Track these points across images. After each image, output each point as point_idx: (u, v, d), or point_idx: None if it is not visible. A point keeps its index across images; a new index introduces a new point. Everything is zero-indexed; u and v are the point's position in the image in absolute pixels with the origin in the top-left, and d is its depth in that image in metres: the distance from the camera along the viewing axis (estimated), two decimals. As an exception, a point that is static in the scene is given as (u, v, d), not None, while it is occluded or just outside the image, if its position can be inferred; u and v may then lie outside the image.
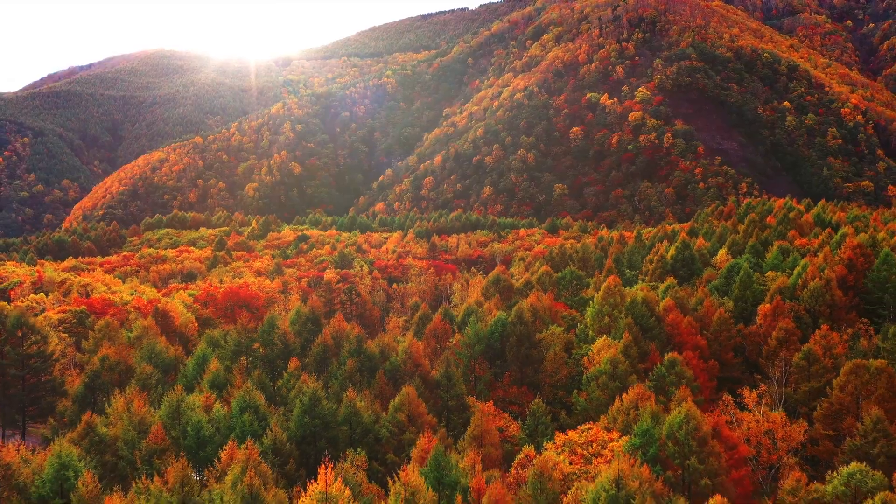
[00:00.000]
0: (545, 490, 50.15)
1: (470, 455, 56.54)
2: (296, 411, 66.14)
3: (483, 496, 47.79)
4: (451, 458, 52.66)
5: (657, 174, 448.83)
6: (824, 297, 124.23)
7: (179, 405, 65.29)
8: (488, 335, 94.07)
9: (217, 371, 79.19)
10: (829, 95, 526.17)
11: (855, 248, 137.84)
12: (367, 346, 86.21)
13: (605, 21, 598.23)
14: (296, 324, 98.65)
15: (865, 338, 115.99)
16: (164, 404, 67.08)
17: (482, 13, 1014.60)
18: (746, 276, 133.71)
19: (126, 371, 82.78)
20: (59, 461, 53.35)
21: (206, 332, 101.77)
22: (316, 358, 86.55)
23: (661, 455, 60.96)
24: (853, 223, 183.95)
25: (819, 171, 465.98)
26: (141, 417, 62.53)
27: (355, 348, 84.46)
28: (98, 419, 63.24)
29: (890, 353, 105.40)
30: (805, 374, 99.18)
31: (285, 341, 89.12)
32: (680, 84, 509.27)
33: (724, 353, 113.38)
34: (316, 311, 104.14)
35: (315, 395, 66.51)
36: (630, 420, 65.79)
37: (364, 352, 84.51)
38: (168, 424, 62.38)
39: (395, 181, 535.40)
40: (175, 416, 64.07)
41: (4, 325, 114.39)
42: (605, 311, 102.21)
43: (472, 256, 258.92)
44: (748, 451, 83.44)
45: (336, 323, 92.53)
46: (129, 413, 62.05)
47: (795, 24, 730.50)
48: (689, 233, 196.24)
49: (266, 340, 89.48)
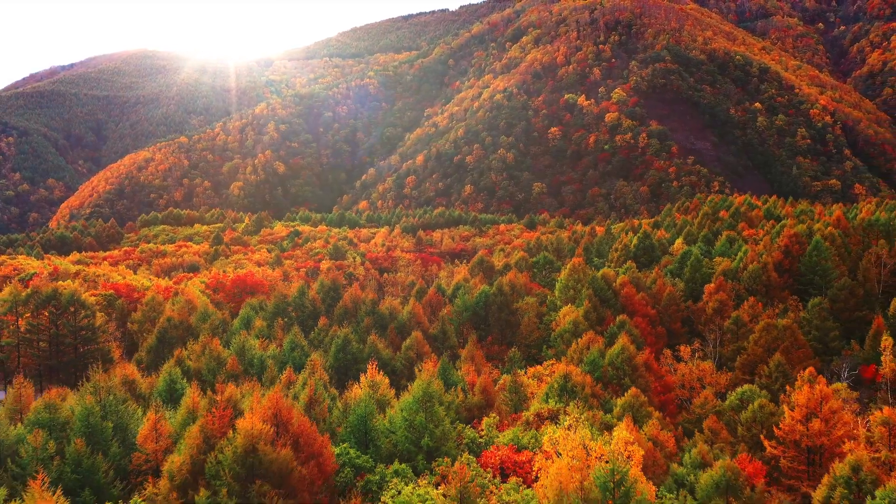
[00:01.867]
0: (518, 392, 72.78)
1: (465, 367, 79.13)
2: (332, 350, 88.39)
3: (475, 384, 70.62)
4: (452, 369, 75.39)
5: (633, 173, 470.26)
6: (761, 277, 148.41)
7: (244, 345, 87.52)
8: (474, 304, 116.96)
9: (262, 327, 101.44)
10: (799, 97, 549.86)
11: (791, 236, 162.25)
12: (379, 307, 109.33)
13: (583, 24, 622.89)
14: (321, 292, 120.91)
15: (794, 311, 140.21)
16: (232, 345, 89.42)
17: (462, 14, 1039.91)
18: (696, 260, 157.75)
19: (186, 328, 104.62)
20: (169, 377, 75.41)
21: (246, 301, 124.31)
22: (339, 317, 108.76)
23: (605, 378, 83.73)
24: (799, 216, 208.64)
25: (789, 170, 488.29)
26: (218, 353, 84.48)
27: (370, 309, 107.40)
28: (184, 353, 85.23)
29: (808, 322, 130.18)
30: (734, 335, 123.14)
31: (314, 305, 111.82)
32: (655, 86, 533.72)
33: (672, 323, 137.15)
34: (336, 282, 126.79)
35: (346, 337, 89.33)
36: (583, 356, 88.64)
37: (377, 312, 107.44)
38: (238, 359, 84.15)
39: (378, 180, 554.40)
40: (241, 353, 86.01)
41: (59, 302, 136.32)
42: (570, 285, 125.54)
43: (455, 250, 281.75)
44: (683, 393, 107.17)
45: (353, 291, 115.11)
46: (209, 350, 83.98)
47: (768, 26, 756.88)
48: (653, 226, 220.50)
49: (298, 305, 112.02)
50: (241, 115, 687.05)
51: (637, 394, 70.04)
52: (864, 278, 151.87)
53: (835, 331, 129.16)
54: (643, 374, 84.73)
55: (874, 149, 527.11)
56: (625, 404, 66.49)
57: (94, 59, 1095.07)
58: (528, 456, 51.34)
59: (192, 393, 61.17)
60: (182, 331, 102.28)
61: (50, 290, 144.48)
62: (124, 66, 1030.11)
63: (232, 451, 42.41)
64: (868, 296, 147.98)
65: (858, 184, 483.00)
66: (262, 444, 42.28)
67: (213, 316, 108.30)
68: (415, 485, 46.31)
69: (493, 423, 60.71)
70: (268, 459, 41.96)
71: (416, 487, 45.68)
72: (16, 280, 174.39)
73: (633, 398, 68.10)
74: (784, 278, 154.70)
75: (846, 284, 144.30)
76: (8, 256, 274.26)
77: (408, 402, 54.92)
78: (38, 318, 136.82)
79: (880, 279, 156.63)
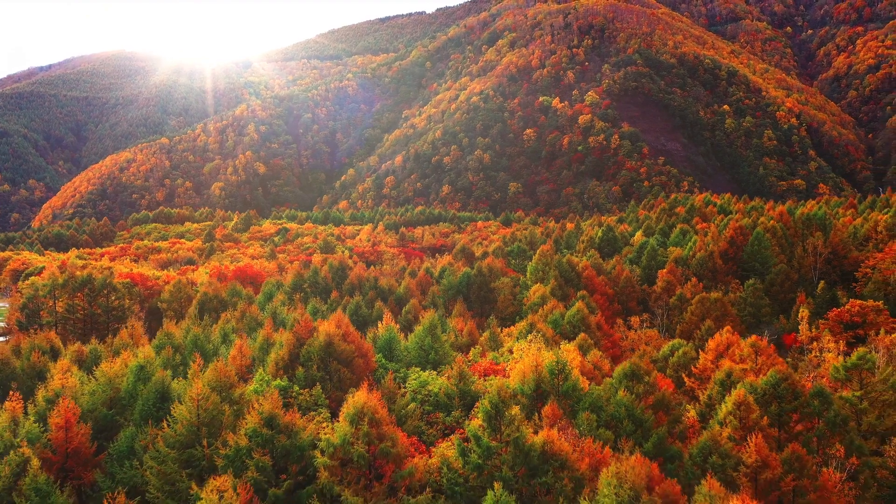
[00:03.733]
0: (496, 339, 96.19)
1: (455, 320, 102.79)
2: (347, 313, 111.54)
3: (463, 330, 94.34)
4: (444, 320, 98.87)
5: (605, 173, 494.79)
6: (707, 264, 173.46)
7: (276, 310, 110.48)
8: (458, 283, 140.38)
9: (283, 300, 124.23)
10: (766, 99, 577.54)
11: (736, 229, 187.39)
12: (380, 283, 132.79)
13: (557, 28, 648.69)
14: (331, 271, 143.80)
15: (734, 292, 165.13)
16: (266, 310, 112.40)
17: (439, 17, 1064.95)
18: (652, 250, 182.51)
19: (220, 301, 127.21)
20: (223, 331, 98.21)
21: (266, 280, 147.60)
22: (347, 291, 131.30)
23: (563, 333, 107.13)
24: (749, 212, 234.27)
25: (756, 171, 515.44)
26: (255, 316, 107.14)
27: (373, 284, 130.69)
28: (227, 317, 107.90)
29: (744, 300, 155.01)
30: (678, 310, 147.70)
31: (326, 281, 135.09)
32: (627, 88, 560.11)
33: (629, 302, 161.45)
34: (343, 262, 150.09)
35: (358, 303, 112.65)
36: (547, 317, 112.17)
37: (379, 287, 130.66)
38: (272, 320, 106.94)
39: (358, 180, 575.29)
40: (274, 316, 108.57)
41: (94, 286, 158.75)
42: (539, 268, 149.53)
43: (436, 245, 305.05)
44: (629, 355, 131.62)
45: (358, 269, 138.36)
46: (248, 315, 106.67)
47: (738, 30, 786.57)
48: (618, 221, 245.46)
49: (312, 282, 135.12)
50: (221, 117, 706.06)
51: (585, 337, 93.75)
52: (800, 265, 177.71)
53: (766, 307, 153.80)
54: (594, 331, 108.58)
55: (838, 150, 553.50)
56: (575, 342, 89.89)
57: (71, 61, 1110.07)
58: (504, 366, 74.66)
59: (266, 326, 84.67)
60: (217, 303, 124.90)
61: (85, 275, 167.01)
62: (103, 67, 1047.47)
63: (317, 345, 65.21)
64: (803, 280, 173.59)
65: (822, 183, 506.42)
66: (335, 339, 65.22)
67: (241, 292, 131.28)
68: (428, 374, 69.51)
69: (478, 352, 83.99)
70: (339, 350, 64.71)
71: (430, 375, 68.87)
72: (55, 267, 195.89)
73: (583, 340, 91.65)
74: (729, 265, 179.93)
75: (782, 270, 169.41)
76: (13, 252, 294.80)
77: (418, 332, 78.05)
78: (73, 300, 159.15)
79: (816, 266, 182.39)
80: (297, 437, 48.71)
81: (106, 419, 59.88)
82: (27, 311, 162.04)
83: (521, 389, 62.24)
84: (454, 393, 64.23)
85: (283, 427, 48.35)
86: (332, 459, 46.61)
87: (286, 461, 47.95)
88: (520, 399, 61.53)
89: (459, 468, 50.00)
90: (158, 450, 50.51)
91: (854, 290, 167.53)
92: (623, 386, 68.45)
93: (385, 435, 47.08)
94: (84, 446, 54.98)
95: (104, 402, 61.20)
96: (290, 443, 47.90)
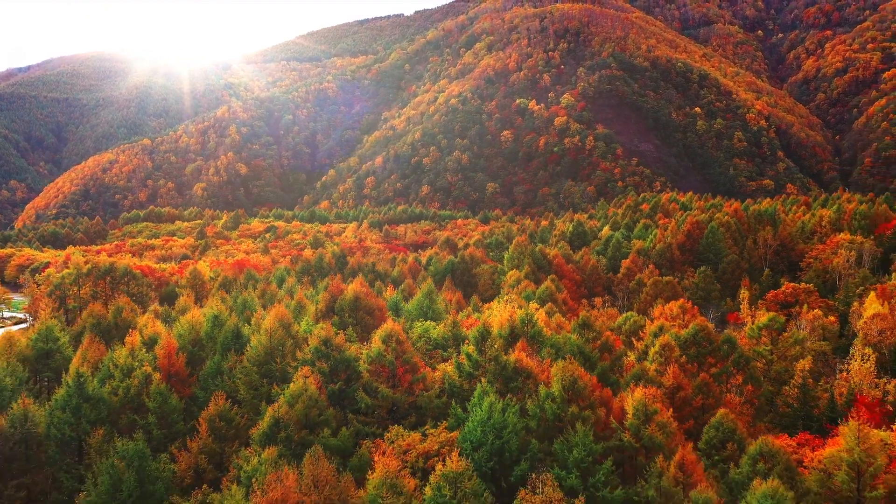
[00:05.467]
0: (479, 309, 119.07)
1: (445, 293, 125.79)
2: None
3: (452, 299, 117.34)
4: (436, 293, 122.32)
5: (580, 174, 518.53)
6: (666, 254, 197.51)
7: (292, 288, 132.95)
8: (444, 269, 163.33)
9: (295, 281, 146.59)
10: (736, 102, 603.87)
11: (693, 223, 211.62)
12: (377, 268, 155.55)
13: (534, 32, 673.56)
14: (334, 257, 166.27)
15: (690, 279, 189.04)
16: (283, 288, 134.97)
17: (417, 19, 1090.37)
18: (617, 242, 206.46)
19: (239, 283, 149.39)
20: (261, 297, 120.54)
21: (276, 266, 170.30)
22: (348, 275, 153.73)
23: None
24: (709, 209, 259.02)
25: (726, 171, 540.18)
26: (274, 292, 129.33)
27: (371, 269, 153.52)
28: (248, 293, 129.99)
29: (697, 284, 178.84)
30: (636, 292, 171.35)
31: (330, 266, 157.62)
32: (601, 91, 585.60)
33: (595, 287, 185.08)
34: (344, 250, 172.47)
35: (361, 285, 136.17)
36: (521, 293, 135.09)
37: (376, 271, 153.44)
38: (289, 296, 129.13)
39: (339, 181, 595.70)
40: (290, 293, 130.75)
41: (116, 274, 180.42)
42: (515, 256, 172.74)
43: (418, 242, 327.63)
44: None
45: (357, 257, 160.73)
46: (268, 292, 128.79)
47: (710, 33, 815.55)
48: (588, 217, 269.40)
49: (318, 267, 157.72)
50: (203, 118, 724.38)
51: (552, 307, 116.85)
52: (750, 255, 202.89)
53: (716, 291, 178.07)
54: (560, 305, 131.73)
55: (805, 151, 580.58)
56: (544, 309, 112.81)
57: (50, 62, 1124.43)
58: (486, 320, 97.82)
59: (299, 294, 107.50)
60: (237, 284, 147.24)
61: (108, 264, 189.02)
62: (82, 68, 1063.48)
63: (348, 298, 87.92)
64: (753, 269, 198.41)
65: (790, 183, 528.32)
66: (361, 294, 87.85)
67: (256, 275, 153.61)
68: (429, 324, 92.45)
69: (465, 314, 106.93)
70: (365, 302, 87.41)
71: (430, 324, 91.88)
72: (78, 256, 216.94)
73: (550, 308, 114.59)
74: (686, 255, 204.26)
75: (733, 259, 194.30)
76: (15, 249, 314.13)
77: (418, 297, 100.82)
78: (97, 287, 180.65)
79: (766, 256, 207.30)
80: (344, 353, 70.98)
81: (191, 354, 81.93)
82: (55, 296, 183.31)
83: (500, 333, 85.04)
84: (449, 336, 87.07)
85: (335, 346, 70.65)
86: (370, 365, 69.18)
87: (338, 369, 70.18)
88: (497, 340, 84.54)
89: (456, 378, 72.67)
90: (244, 366, 72.83)
91: (798, 277, 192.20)
92: (576, 333, 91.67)
93: (406, 350, 69.63)
94: (182, 369, 77.11)
95: (189, 342, 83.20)
96: (339, 356, 70.14)
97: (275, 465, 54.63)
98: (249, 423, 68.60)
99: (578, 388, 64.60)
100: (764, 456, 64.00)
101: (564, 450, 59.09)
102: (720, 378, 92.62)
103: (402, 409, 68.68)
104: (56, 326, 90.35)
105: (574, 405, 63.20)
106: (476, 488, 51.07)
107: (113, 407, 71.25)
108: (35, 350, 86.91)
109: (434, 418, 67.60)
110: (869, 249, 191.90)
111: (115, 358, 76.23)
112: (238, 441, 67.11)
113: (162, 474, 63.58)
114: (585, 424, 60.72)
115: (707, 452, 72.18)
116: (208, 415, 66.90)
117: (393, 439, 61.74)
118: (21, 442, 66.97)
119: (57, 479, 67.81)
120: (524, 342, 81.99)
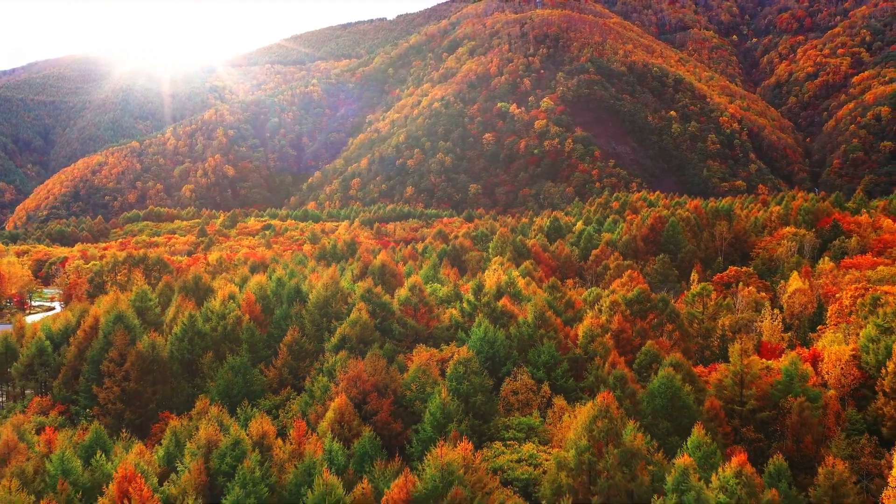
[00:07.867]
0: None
1: (444, 269, 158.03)
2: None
3: (450, 274, 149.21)
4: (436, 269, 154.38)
5: (560, 175, 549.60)
6: (631, 245, 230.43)
7: (315, 268, 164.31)
8: (439, 254, 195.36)
9: (315, 263, 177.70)
10: (710, 105, 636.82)
11: (656, 218, 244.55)
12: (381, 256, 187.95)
13: (514, 37, 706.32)
14: (346, 245, 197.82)
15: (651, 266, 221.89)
16: (307, 269, 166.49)
17: (400, 24, 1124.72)
18: (588, 235, 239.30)
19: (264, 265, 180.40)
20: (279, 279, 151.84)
21: (293, 252, 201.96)
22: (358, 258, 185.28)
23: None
24: (674, 207, 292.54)
25: (700, 172, 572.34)
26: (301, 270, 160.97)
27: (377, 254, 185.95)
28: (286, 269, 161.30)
29: (656, 269, 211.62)
30: (602, 276, 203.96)
31: (344, 252, 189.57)
32: (580, 95, 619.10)
33: (568, 273, 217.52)
34: (354, 239, 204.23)
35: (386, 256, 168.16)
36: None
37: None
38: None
39: (325, 182, 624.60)
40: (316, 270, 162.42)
41: (148, 262, 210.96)
42: (498, 245, 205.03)
43: (407, 238, 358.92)
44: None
45: (366, 244, 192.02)
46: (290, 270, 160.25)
47: (686, 38, 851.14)
48: (565, 214, 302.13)
49: (332, 252, 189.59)
50: (190, 121, 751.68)
51: (529, 279, 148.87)
52: (706, 246, 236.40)
53: (672, 275, 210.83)
54: (537, 281, 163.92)
55: (777, 153, 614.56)
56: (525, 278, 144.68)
57: (35, 65, 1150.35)
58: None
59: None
60: (263, 267, 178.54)
61: (141, 254, 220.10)
62: (69, 71, 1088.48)
63: (377, 265, 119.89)
64: (708, 258, 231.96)
65: (762, 184, 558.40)
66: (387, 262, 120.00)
67: (279, 259, 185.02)
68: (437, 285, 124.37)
69: (462, 281, 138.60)
70: (389, 268, 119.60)
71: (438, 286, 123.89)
72: (94, 251, 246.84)
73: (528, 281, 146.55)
74: (649, 246, 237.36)
75: (690, 249, 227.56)
76: (31, 246, 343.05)
77: (426, 268, 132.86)
78: (131, 273, 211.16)
79: (721, 247, 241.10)
80: (381, 299, 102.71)
81: (263, 306, 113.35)
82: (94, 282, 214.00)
83: (490, 291, 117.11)
84: (452, 294, 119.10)
85: (375, 294, 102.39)
86: (401, 306, 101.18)
87: (377, 310, 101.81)
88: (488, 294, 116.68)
89: (459, 317, 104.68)
90: (309, 309, 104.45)
91: (749, 265, 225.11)
92: (547, 292, 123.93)
93: (424, 295, 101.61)
94: (260, 314, 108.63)
95: (259, 298, 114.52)
96: (378, 301, 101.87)
97: (345, 363, 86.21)
98: (315, 349, 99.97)
99: (545, 318, 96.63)
100: (674, 365, 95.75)
101: (536, 355, 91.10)
102: (656, 327, 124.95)
103: (422, 337, 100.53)
104: (148, 290, 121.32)
105: (542, 329, 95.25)
106: (478, 369, 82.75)
107: (215, 339, 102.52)
108: (134, 307, 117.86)
109: (446, 342, 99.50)
110: (809, 241, 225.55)
111: (210, 307, 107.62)
112: (308, 359, 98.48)
113: (258, 379, 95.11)
114: (551, 341, 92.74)
115: (639, 371, 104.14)
116: (287, 341, 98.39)
117: (419, 352, 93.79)
118: (154, 361, 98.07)
119: (179, 387, 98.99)
120: (507, 298, 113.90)
